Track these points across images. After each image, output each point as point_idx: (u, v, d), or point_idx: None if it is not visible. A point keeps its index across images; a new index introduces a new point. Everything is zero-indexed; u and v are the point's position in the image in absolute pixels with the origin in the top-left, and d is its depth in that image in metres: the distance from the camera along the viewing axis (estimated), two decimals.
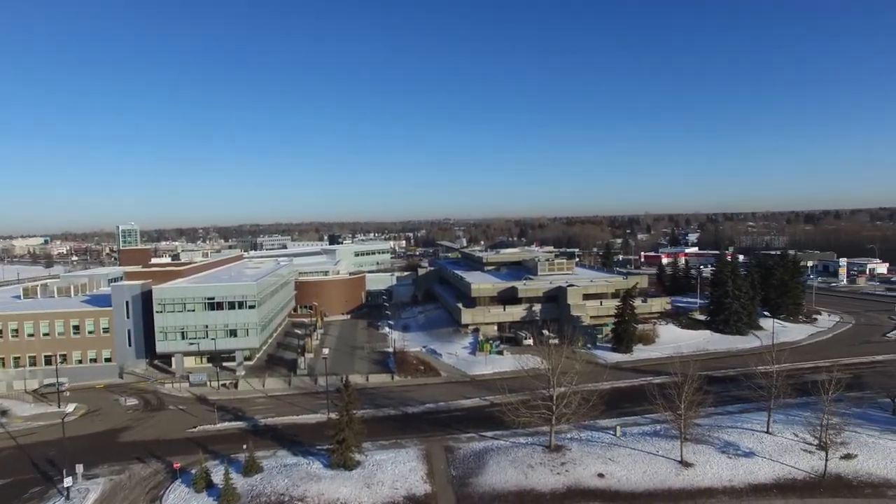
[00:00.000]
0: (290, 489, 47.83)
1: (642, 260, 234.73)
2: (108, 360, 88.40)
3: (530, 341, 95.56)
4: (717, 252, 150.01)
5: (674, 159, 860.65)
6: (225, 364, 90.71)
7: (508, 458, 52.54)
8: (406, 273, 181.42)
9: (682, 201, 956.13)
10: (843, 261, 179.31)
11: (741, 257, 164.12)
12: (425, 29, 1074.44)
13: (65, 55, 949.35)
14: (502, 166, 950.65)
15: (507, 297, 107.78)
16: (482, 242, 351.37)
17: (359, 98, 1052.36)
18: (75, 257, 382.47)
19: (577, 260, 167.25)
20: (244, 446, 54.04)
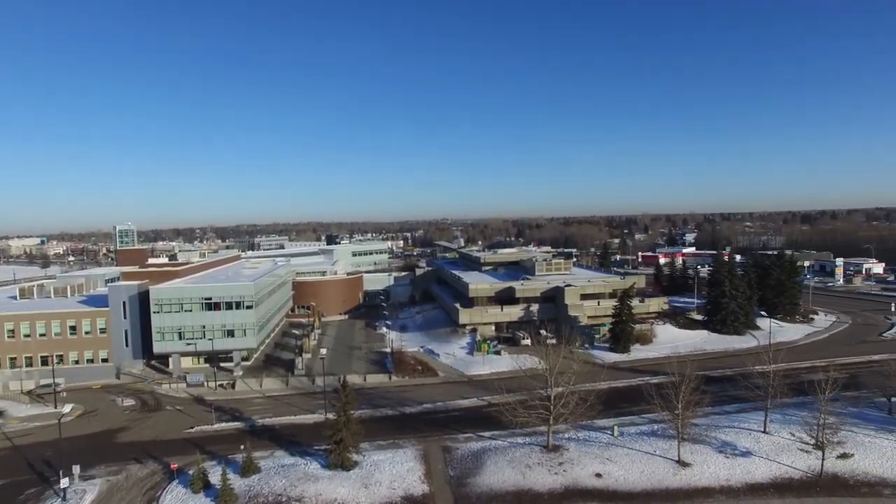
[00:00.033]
0: (288, 489, 47.82)
1: (640, 260, 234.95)
2: (104, 360, 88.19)
3: (528, 341, 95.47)
4: (715, 252, 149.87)
5: (671, 159, 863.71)
6: (222, 364, 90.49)
7: (506, 458, 52.59)
8: (404, 273, 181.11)
9: (680, 201, 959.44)
10: (840, 261, 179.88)
11: (738, 257, 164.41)
12: (423, 29, 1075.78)
13: (65, 55, 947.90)
14: (500, 166, 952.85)
15: (505, 298, 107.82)
16: (480, 242, 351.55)
17: (357, 98, 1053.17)
18: (72, 257, 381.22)
19: (574, 260, 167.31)
20: (242, 447, 53.97)
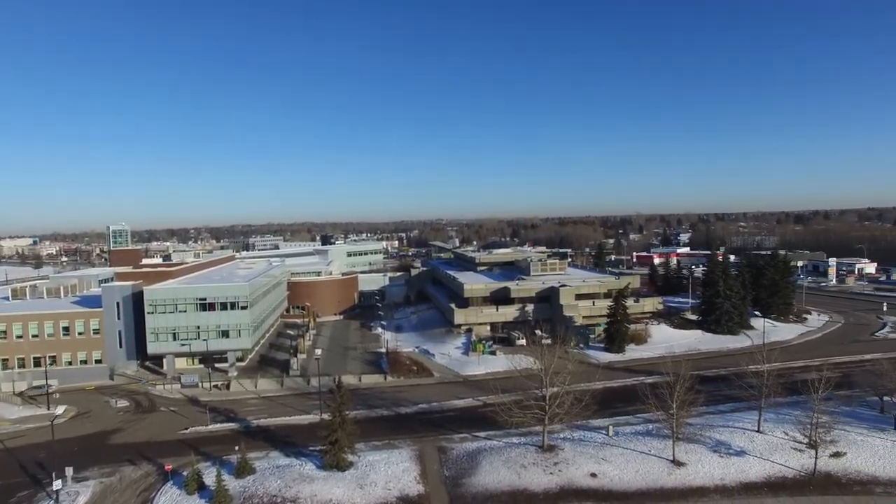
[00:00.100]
0: (283, 490, 47.69)
1: (634, 260, 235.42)
2: (98, 361, 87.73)
3: (523, 341, 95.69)
4: (709, 252, 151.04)
5: (666, 160, 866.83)
6: (217, 365, 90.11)
7: (501, 458, 52.63)
8: (399, 273, 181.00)
9: (674, 201, 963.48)
10: (833, 261, 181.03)
11: (732, 257, 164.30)
12: (420, 29, 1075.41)
13: (65, 55, 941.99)
14: (496, 167, 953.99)
15: (500, 298, 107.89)
16: (475, 243, 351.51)
17: (353, 99, 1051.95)
18: (65, 258, 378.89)
19: (569, 260, 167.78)
20: (236, 447, 53.77)
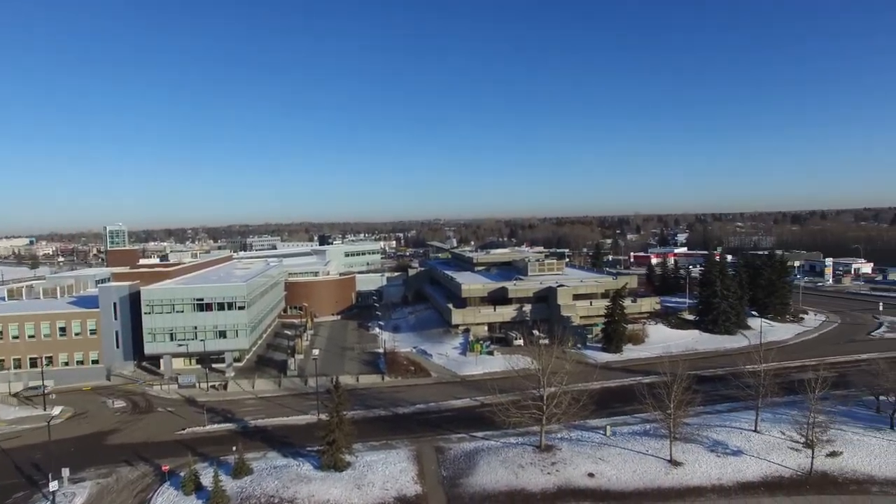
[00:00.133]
0: (281, 491, 47.64)
1: (632, 260, 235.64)
2: (95, 362, 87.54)
3: (520, 341, 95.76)
4: (706, 252, 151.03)
5: (663, 160, 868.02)
6: (214, 365, 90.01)
7: (499, 458, 52.65)
8: (396, 273, 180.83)
9: (672, 202, 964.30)
10: (829, 261, 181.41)
11: (729, 257, 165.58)
12: (419, 29, 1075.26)
13: (64, 55, 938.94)
14: (493, 167, 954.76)
15: (498, 298, 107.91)
16: (472, 243, 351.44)
17: (350, 99, 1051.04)
18: (61, 258, 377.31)
19: (567, 260, 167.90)
20: (234, 448, 53.73)
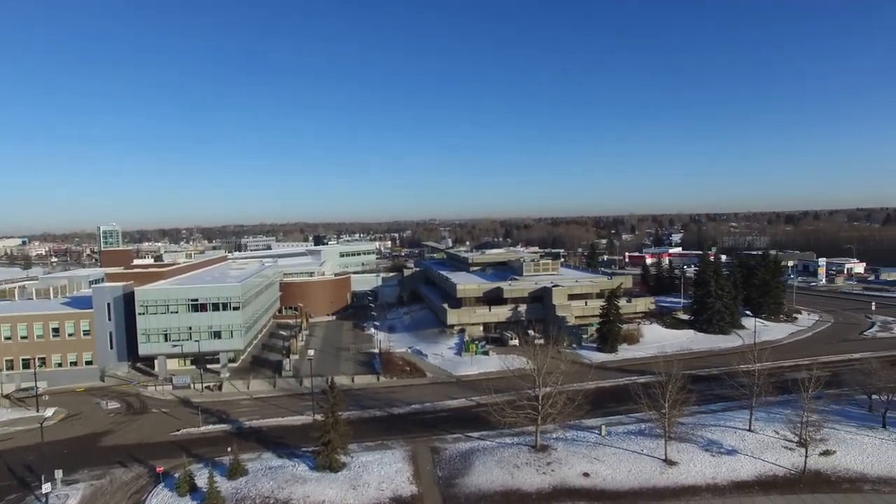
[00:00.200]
0: (276, 492, 47.54)
1: (627, 260, 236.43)
2: (88, 362, 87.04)
3: (516, 342, 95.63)
4: (701, 252, 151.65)
5: (659, 160, 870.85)
6: (209, 366, 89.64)
7: (494, 458, 52.71)
8: (391, 274, 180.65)
9: (666, 202, 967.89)
10: (823, 261, 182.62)
11: (724, 257, 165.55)
12: (413, 29, 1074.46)
13: (62, 55, 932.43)
14: (489, 167, 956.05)
15: (493, 298, 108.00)
16: (468, 243, 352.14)
17: (346, 100, 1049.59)
18: (55, 259, 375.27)
19: (562, 260, 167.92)
20: (228, 449, 53.56)
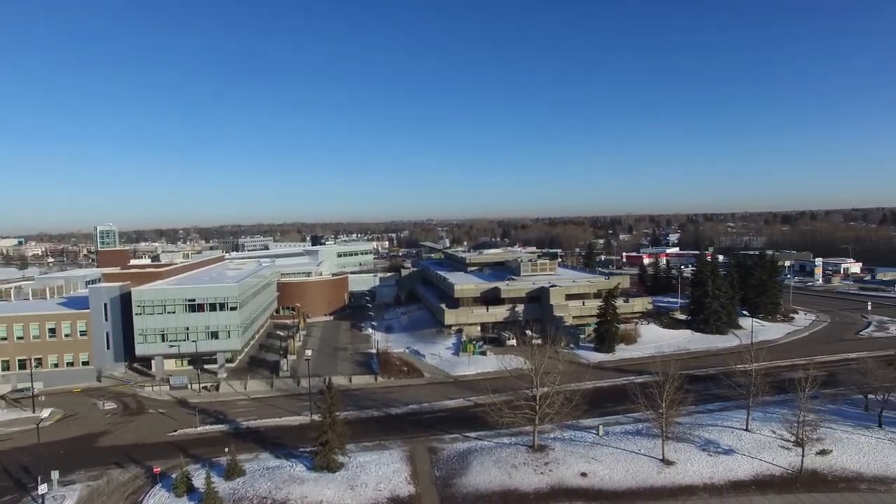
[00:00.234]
0: (273, 492, 47.48)
1: (624, 260, 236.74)
2: (85, 363, 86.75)
3: (513, 342, 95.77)
4: (698, 252, 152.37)
5: (656, 161, 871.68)
6: (206, 366, 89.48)
7: (492, 458, 52.72)
8: (389, 274, 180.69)
9: (664, 202, 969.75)
10: (819, 261, 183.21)
11: (721, 257, 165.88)
12: (412, 29, 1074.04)
13: (62, 55, 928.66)
14: (486, 167, 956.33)
15: (490, 298, 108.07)
16: (465, 243, 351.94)
17: (343, 99, 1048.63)
18: (51, 259, 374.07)
19: (559, 260, 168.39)
20: (226, 449, 53.50)
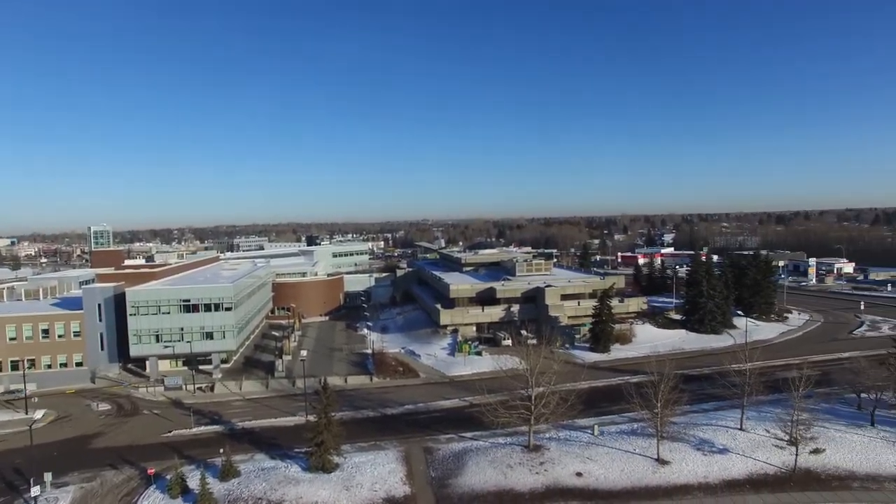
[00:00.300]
0: (268, 493, 47.35)
1: (619, 260, 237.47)
2: (79, 364, 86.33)
3: (509, 342, 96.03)
4: (692, 252, 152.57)
5: (651, 161, 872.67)
6: (201, 367, 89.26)
7: (487, 458, 52.75)
8: (384, 274, 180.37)
9: (659, 202, 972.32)
10: (813, 260, 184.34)
11: (715, 257, 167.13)
12: (407, 29, 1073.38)
13: (54, 55, 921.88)
14: (481, 167, 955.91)
15: (486, 298, 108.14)
16: (460, 243, 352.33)
17: (337, 99, 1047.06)
18: (44, 259, 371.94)
19: (554, 260, 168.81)
20: (221, 450, 53.35)
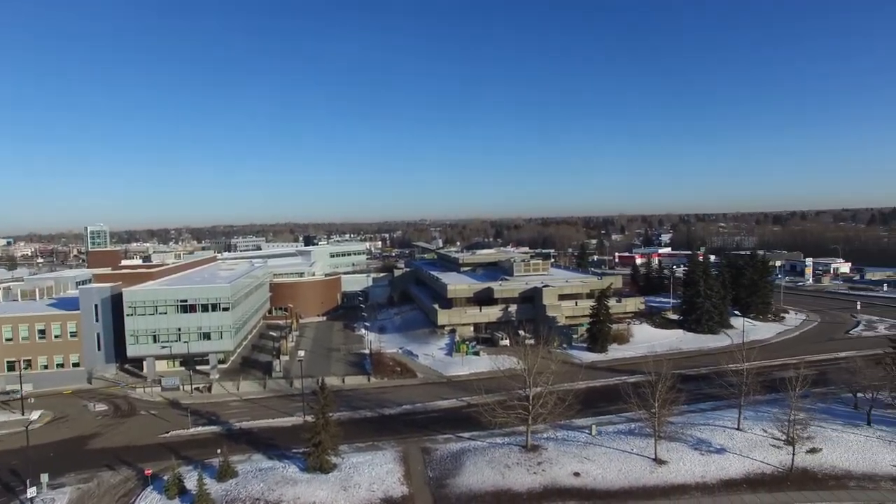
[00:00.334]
0: (266, 493, 47.30)
1: (616, 260, 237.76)
2: (76, 364, 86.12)
3: (506, 342, 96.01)
4: (690, 252, 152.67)
5: (648, 161, 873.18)
6: (198, 367, 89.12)
7: (485, 458, 52.78)
8: (382, 274, 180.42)
9: (656, 202, 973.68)
10: (809, 261, 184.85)
11: (712, 257, 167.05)
12: (405, 29, 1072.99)
13: (52, 55, 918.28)
14: (478, 167, 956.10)
15: (483, 298, 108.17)
16: (458, 243, 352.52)
17: (337, 99, 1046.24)
18: (41, 259, 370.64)
19: (552, 260, 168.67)
20: (218, 451, 53.30)
